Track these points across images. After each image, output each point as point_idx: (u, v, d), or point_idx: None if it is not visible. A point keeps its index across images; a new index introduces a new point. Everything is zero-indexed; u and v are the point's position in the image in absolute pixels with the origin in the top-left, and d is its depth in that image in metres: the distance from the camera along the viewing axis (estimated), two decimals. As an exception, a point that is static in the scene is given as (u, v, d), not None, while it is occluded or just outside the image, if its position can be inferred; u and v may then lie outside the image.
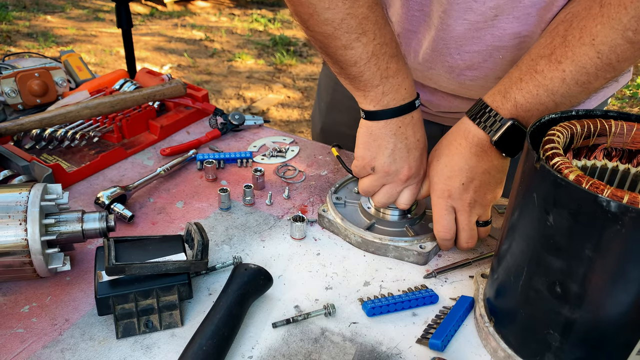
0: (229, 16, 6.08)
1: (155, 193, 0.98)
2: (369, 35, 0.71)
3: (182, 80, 1.16)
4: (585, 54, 0.65)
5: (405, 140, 0.79)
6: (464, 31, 0.80)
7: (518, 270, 0.61)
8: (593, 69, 0.66)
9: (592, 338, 0.56)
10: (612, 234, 0.49)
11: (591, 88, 0.68)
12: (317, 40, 0.73)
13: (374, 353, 0.68)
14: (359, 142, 0.82)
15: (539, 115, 0.71)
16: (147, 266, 0.68)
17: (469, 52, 0.83)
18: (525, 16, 0.76)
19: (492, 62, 0.83)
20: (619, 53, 0.64)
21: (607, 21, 0.63)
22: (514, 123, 0.71)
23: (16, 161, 0.93)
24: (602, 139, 0.63)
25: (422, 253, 0.81)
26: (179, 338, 0.69)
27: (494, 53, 0.82)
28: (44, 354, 0.66)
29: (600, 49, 0.64)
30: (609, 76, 0.67)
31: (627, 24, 0.62)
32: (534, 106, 0.70)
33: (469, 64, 0.85)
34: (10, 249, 0.68)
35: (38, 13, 5.60)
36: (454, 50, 0.84)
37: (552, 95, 0.69)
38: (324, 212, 0.89)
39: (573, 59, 0.66)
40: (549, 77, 0.68)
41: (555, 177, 0.52)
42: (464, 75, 0.87)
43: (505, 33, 0.79)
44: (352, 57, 0.73)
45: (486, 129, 0.73)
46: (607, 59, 0.65)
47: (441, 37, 0.83)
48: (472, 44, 0.82)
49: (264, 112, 3.75)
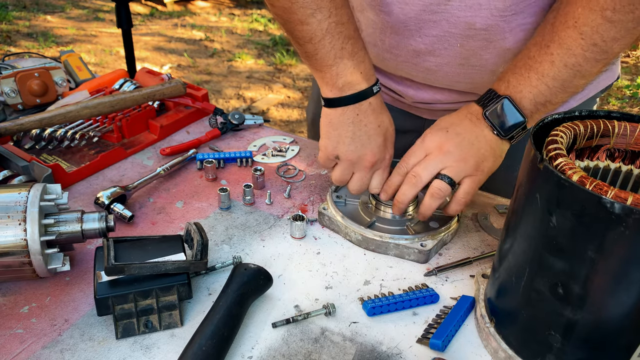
0: (229, 16, 6.08)
1: (155, 193, 0.98)
2: (323, 12, 0.74)
3: (182, 80, 1.16)
4: (570, 36, 0.70)
5: (364, 127, 0.80)
6: (419, 12, 0.83)
7: (520, 270, 0.61)
8: (579, 50, 0.70)
9: (594, 339, 0.56)
10: (615, 235, 0.49)
11: (583, 71, 0.71)
12: (278, 15, 0.77)
13: (374, 353, 0.67)
14: (321, 132, 0.84)
15: (533, 98, 0.74)
16: (146, 266, 0.68)
17: (429, 36, 0.86)
18: (476, 5, 0.78)
19: (452, 50, 0.86)
20: (601, 33, 0.68)
21: (587, 3, 0.68)
22: (506, 99, 0.75)
23: (16, 161, 0.92)
24: (605, 139, 0.63)
25: (423, 251, 0.81)
26: (179, 338, 0.68)
27: (452, 40, 0.84)
28: (43, 355, 0.66)
29: (583, 30, 0.68)
30: (600, 58, 0.70)
31: (604, 4, 0.66)
32: (526, 88, 0.74)
33: (430, 49, 0.87)
34: (10, 249, 0.68)
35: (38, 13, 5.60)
36: (415, 33, 0.86)
37: (543, 78, 0.73)
38: (324, 210, 0.89)
39: (559, 42, 0.71)
40: (539, 60, 0.73)
41: (558, 177, 0.52)
42: (429, 61, 0.89)
43: (459, 21, 0.81)
44: (307, 33, 0.76)
45: (483, 105, 0.79)
46: (590, 40, 0.68)
47: (401, 20, 0.85)
48: (430, 28, 0.84)
49: (264, 112, 3.75)
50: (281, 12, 0.76)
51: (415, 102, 1.03)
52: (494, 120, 0.77)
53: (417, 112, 1.08)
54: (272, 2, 0.77)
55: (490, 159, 0.78)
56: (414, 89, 0.99)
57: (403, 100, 1.05)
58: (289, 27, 0.77)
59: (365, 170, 0.84)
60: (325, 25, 0.75)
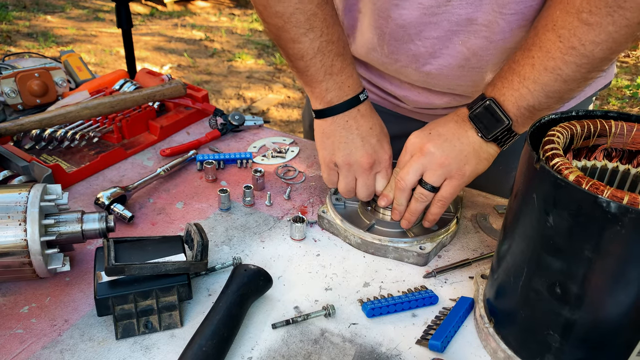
0: (229, 16, 6.08)
1: (155, 193, 0.98)
2: (316, 32, 0.77)
3: (182, 81, 1.16)
4: (549, 39, 0.70)
5: (356, 130, 0.83)
6: (420, 16, 0.83)
7: (518, 271, 0.61)
8: (558, 53, 0.69)
9: (592, 339, 0.56)
10: (612, 234, 0.49)
11: (564, 75, 0.70)
12: (271, 32, 0.80)
13: (374, 354, 0.67)
14: (317, 145, 0.87)
15: (515, 102, 0.74)
16: (146, 267, 0.68)
17: (429, 39, 0.86)
18: (477, 1, 0.79)
19: (453, 49, 0.86)
20: (579, 36, 0.67)
21: (564, 6, 0.68)
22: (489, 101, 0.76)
23: (16, 161, 0.93)
24: (602, 139, 0.63)
25: (422, 254, 0.81)
26: (179, 339, 0.69)
27: (453, 39, 0.84)
28: (43, 355, 0.66)
29: (561, 32, 0.68)
30: (580, 62, 0.69)
31: (580, 6, 0.66)
32: (508, 91, 0.75)
33: (430, 51, 0.87)
34: (10, 249, 0.68)
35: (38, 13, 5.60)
36: (415, 37, 0.86)
37: (524, 81, 0.73)
38: (323, 213, 0.89)
39: (540, 45, 0.71)
40: (522, 64, 0.73)
41: (555, 177, 0.52)
42: (429, 64, 0.89)
43: (460, 18, 0.81)
44: (299, 51, 0.79)
45: (470, 107, 0.79)
46: (568, 42, 0.68)
47: (400, 25, 0.86)
48: (430, 30, 0.84)
49: (264, 112, 3.75)
50: (274, 30, 0.79)
51: (416, 107, 1.03)
52: (478, 122, 0.77)
53: (418, 117, 1.08)
54: (265, 20, 0.79)
55: (473, 161, 0.78)
56: (414, 93, 0.99)
57: (404, 105, 1.05)
58: (282, 44, 0.80)
59: (366, 173, 0.84)
60: (317, 45, 0.78)
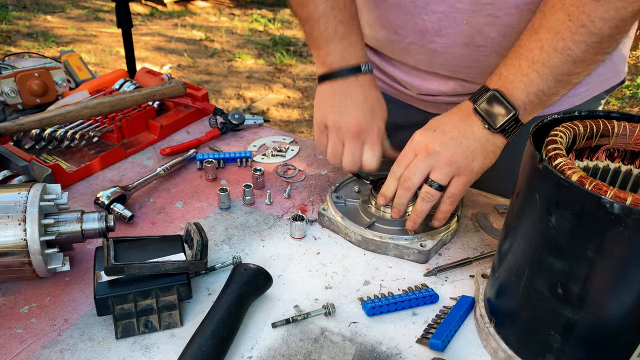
0: (229, 16, 6.08)
1: (154, 193, 0.98)
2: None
3: (182, 80, 1.16)
4: (557, 19, 0.70)
5: (349, 96, 0.86)
6: None
7: (519, 270, 0.61)
8: (567, 33, 0.69)
9: (594, 339, 0.56)
10: (614, 235, 0.49)
11: (574, 56, 0.70)
12: None
13: (374, 353, 0.67)
14: (314, 111, 0.90)
15: (525, 87, 0.73)
16: (146, 266, 0.68)
17: (435, 13, 0.87)
18: None
19: (458, 27, 0.86)
20: (588, 12, 0.67)
21: None
22: (494, 92, 0.75)
23: (16, 161, 0.92)
24: (605, 139, 0.63)
25: (423, 251, 0.81)
26: (179, 338, 0.69)
27: (457, 17, 0.85)
28: (43, 355, 0.66)
29: (570, 10, 0.68)
30: (590, 41, 0.69)
31: None
32: (517, 77, 0.74)
33: (436, 28, 0.88)
34: (9, 249, 0.68)
35: (38, 13, 5.60)
36: (422, 10, 0.87)
37: (533, 65, 0.72)
38: (324, 210, 0.89)
39: (548, 27, 0.71)
40: (529, 47, 0.72)
41: (558, 178, 0.52)
42: (435, 42, 0.90)
43: None
44: (305, 14, 0.85)
45: (474, 100, 0.78)
46: (578, 20, 0.68)
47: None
48: (436, 3, 0.85)
49: (264, 112, 3.75)
50: None
51: (420, 93, 1.03)
52: (484, 114, 0.76)
53: (422, 105, 1.08)
54: None
55: (480, 156, 0.77)
56: (419, 78, 0.99)
57: (408, 92, 1.05)
58: (293, 6, 0.87)
59: (353, 139, 0.86)
60: (321, 9, 0.83)
